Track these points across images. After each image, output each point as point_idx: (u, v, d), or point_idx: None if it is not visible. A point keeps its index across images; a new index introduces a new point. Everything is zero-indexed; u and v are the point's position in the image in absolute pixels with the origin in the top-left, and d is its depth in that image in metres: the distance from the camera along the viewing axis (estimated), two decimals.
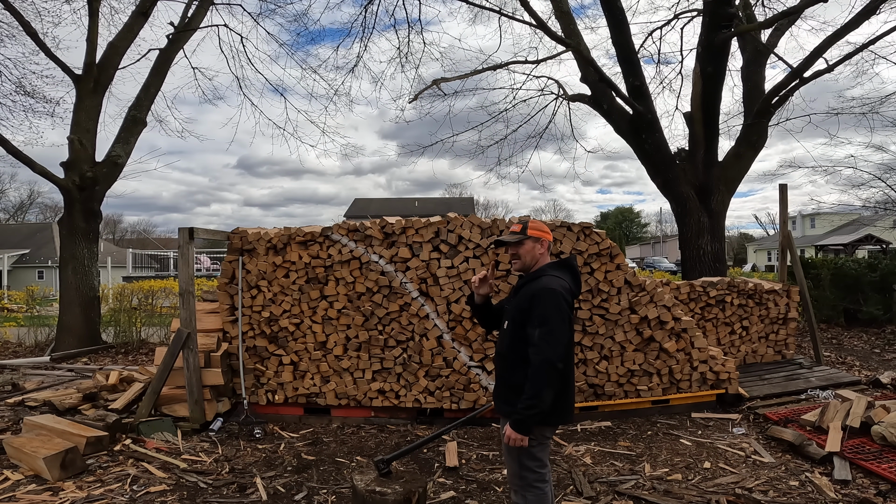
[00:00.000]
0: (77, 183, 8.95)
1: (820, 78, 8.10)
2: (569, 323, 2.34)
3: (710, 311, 6.24)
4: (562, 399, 2.37)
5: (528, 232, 2.53)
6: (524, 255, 2.52)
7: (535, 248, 2.52)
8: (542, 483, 2.44)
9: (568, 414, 2.46)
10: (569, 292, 2.39)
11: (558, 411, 2.38)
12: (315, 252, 5.10)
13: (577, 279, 2.51)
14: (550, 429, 2.50)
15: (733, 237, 54.23)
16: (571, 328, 2.39)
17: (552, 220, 5.09)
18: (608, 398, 4.98)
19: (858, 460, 3.67)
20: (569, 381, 2.41)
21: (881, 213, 16.67)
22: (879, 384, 5.50)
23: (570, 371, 2.42)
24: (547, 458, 2.49)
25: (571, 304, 2.40)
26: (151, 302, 10.28)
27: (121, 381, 5.83)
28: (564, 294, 2.34)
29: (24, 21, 9.03)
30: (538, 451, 2.42)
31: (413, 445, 2.91)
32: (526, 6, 8.00)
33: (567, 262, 2.55)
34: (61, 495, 3.45)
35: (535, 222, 2.59)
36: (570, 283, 2.44)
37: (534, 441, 2.36)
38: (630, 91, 8.78)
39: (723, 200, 8.91)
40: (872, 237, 27.09)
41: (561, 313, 2.28)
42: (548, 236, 2.55)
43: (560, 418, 2.45)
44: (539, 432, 2.38)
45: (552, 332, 2.26)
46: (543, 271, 2.46)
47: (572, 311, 2.41)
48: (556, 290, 2.32)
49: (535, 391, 2.23)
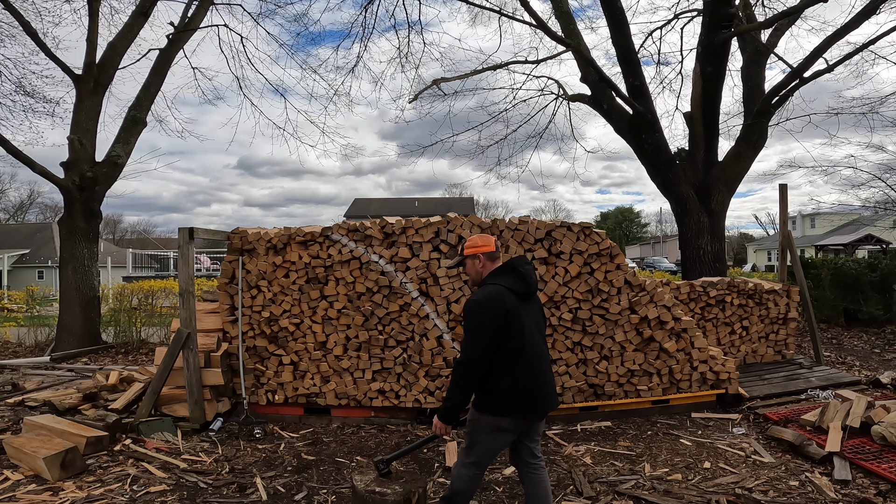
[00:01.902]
0: (77, 183, 8.95)
1: (820, 78, 8.11)
2: (497, 327, 2.48)
3: (710, 311, 6.24)
4: (500, 396, 2.51)
5: (464, 252, 2.77)
6: (469, 272, 2.79)
7: (474, 263, 2.75)
8: (474, 466, 2.67)
9: (520, 409, 2.55)
10: (500, 297, 2.52)
11: (496, 407, 2.53)
12: (315, 252, 5.10)
13: (522, 277, 2.63)
14: (492, 420, 2.57)
15: (733, 237, 54.25)
16: (511, 328, 2.51)
17: (552, 220, 5.09)
18: (608, 398, 4.98)
19: (858, 460, 3.67)
20: (517, 378, 2.51)
21: (881, 213, 16.66)
22: (879, 384, 5.50)
23: (519, 368, 2.52)
24: (493, 450, 2.66)
25: (505, 307, 2.51)
26: (151, 302, 10.28)
27: (121, 381, 5.83)
28: (490, 301, 2.50)
29: (24, 21, 9.03)
30: (484, 438, 2.62)
31: (412, 446, 2.91)
32: (526, 6, 8.00)
33: (509, 265, 2.69)
34: (61, 495, 3.45)
35: (470, 239, 2.78)
36: (511, 283, 2.59)
37: (486, 427, 2.59)
38: (630, 91, 8.78)
39: (723, 200, 8.91)
40: (872, 237, 27.09)
41: (478, 321, 2.47)
42: (482, 248, 2.72)
43: (501, 411, 2.54)
44: (489, 421, 2.58)
45: (468, 339, 2.49)
46: (485, 281, 2.67)
47: (510, 312, 2.51)
48: (478, 300, 2.51)
49: (450, 388, 2.56)
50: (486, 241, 2.75)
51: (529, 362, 2.56)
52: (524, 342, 2.55)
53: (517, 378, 2.52)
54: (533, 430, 2.78)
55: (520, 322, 2.54)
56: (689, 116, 9.08)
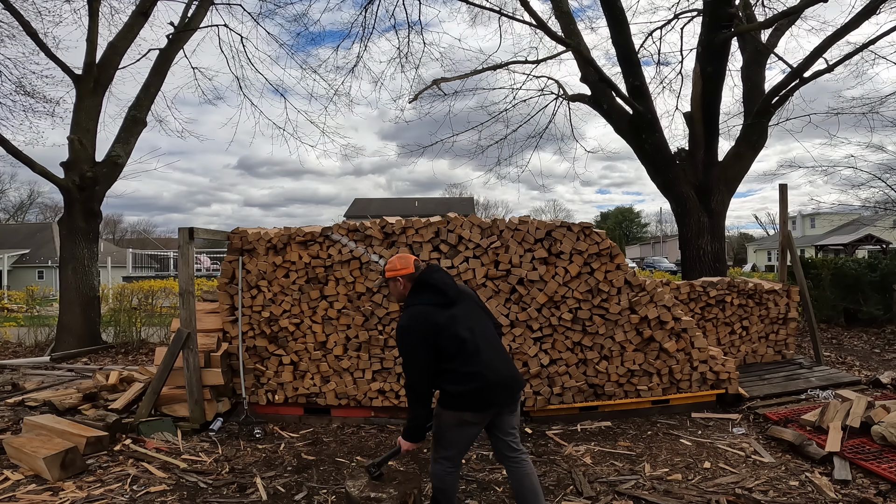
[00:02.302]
0: (77, 183, 8.95)
1: (820, 78, 8.10)
2: (429, 344, 2.61)
3: (710, 311, 6.24)
4: (460, 395, 2.64)
5: (386, 275, 2.89)
6: (393, 294, 2.93)
7: (396, 285, 2.87)
8: (445, 461, 2.78)
9: (472, 405, 2.66)
10: (425, 315, 2.65)
11: (464, 403, 2.65)
12: (315, 252, 5.10)
13: (439, 290, 2.74)
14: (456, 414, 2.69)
15: (733, 237, 54.24)
16: (448, 338, 2.63)
17: (552, 220, 5.09)
18: (608, 398, 4.98)
19: (858, 460, 3.67)
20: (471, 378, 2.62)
21: (881, 213, 16.66)
22: (879, 384, 5.50)
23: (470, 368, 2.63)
24: (461, 442, 2.77)
25: (433, 321, 2.63)
26: (151, 302, 10.29)
27: (121, 381, 5.83)
28: (416, 322, 2.64)
29: (24, 21, 9.03)
30: (450, 432, 2.74)
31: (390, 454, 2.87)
32: (526, 6, 8.00)
33: (422, 282, 2.79)
34: (61, 495, 3.45)
35: (390, 262, 2.89)
36: (432, 299, 2.72)
37: (450, 421, 2.71)
38: (630, 91, 8.78)
39: (723, 200, 8.91)
40: (872, 237, 27.09)
41: (408, 346, 2.64)
42: (402, 272, 2.83)
43: (463, 407, 2.66)
44: (452, 416, 2.70)
45: (406, 363, 2.67)
46: (406, 304, 2.80)
47: (440, 324, 2.63)
48: (403, 325, 2.66)
49: (409, 410, 2.72)
50: (404, 263, 2.84)
51: (480, 359, 2.65)
52: (466, 344, 2.64)
53: (471, 378, 2.62)
54: (504, 423, 2.82)
55: (454, 329, 2.64)
56: (689, 116, 9.08)
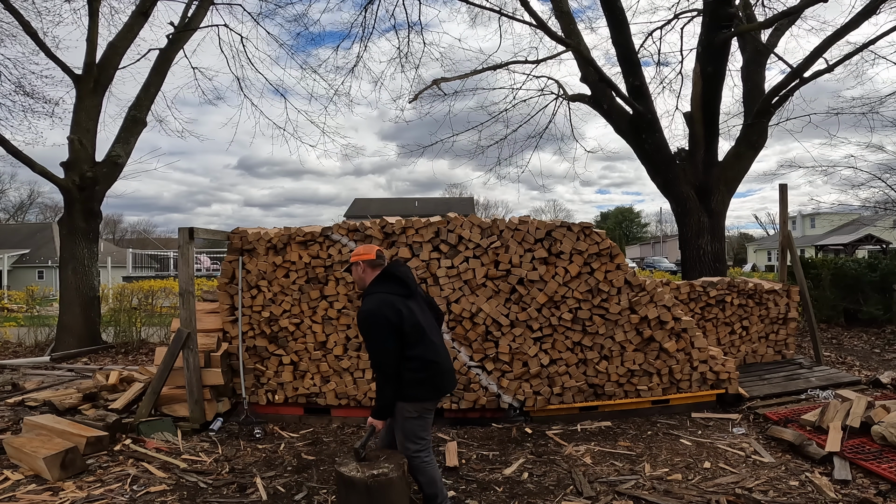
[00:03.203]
0: (77, 183, 8.95)
1: (820, 78, 8.11)
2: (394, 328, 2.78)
3: (710, 311, 6.24)
4: (419, 383, 2.85)
5: (352, 259, 3.03)
6: (355, 279, 3.06)
7: (356, 270, 3.01)
8: (421, 453, 2.95)
9: (431, 392, 2.91)
10: (390, 303, 2.82)
11: (417, 393, 2.87)
12: (315, 252, 5.10)
13: (401, 282, 2.94)
14: (419, 403, 2.90)
15: (733, 237, 54.23)
16: (409, 326, 2.81)
17: (552, 220, 5.09)
18: (608, 398, 4.98)
19: (858, 460, 3.67)
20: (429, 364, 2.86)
21: (881, 213, 16.66)
22: (879, 384, 5.50)
23: (417, 358, 2.84)
24: (424, 433, 2.97)
25: (398, 308, 2.81)
26: (151, 302, 10.29)
27: (121, 381, 5.83)
28: (381, 308, 2.79)
29: (24, 21, 9.03)
30: (414, 426, 2.93)
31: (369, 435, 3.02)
32: (526, 6, 8.01)
33: (387, 273, 2.97)
34: (61, 495, 3.45)
35: (358, 248, 3.05)
36: (394, 289, 2.90)
37: (413, 413, 2.90)
38: (630, 91, 8.78)
39: (723, 200, 8.91)
40: (872, 237, 27.10)
41: (372, 331, 2.79)
42: (363, 256, 2.99)
43: (423, 396, 2.90)
44: (412, 408, 2.89)
45: (372, 347, 2.84)
46: (368, 291, 2.95)
47: (403, 312, 2.82)
48: (369, 310, 2.80)
49: (377, 391, 2.89)
50: (367, 250, 3.02)
51: (435, 349, 2.92)
52: (425, 333, 2.88)
53: (429, 365, 2.87)
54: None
55: (415, 318, 2.86)
56: (689, 116, 9.08)
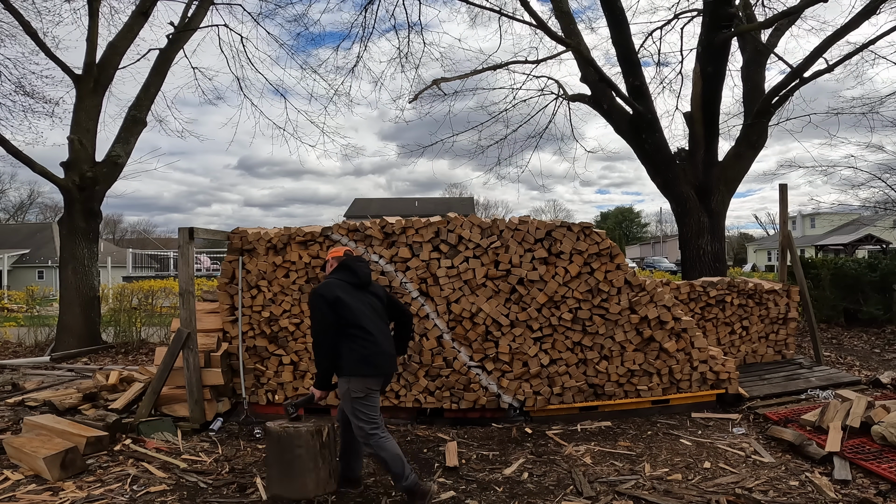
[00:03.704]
0: (77, 183, 8.95)
1: (819, 78, 8.11)
2: (330, 306, 3.18)
3: (710, 311, 6.24)
4: (359, 360, 3.17)
5: (326, 257, 3.64)
6: (326, 272, 3.57)
7: (328, 265, 3.56)
8: (377, 430, 3.19)
9: (370, 368, 3.19)
10: (331, 286, 3.28)
11: (357, 368, 3.17)
12: (315, 252, 5.10)
13: (353, 271, 3.40)
14: (360, 380, 3.18)
15: (733, 237, 54.24)
16: (345, 307, 3.20)
17: (552, 220, 5.09)
18: (608, 398, 4.98)
19: (858, 460, 3.67)
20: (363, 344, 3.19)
21: (881, 213, 16.66)
22: (879, 384, 5.50)
23: (359, 337, 3.20)
24: (374, 412, 3.21)
25: (336, 293, 3.23)
26: (151, 302, 10.28)
27: (121, 381, 5.83)
28: (323, 289, 3.26)
29: (23, 21, 9.03)
30: (363, 406, 3.19)
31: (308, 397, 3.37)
32: (526, 6, 8.01)
33: (342, 264, 3.46)
34: (61, 495, 3.44)
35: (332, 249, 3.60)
36: (344, 276, 3.36)
37: (359, 391, 3.17)
38: (630, 91, 8.78)
39: (723, 200, 8.91)
40: (872, 237, 27.11)
41: (314, 308, 3.22)
42: (333, 254, 3.57)
43: (363, 371, 3.18)
44: (356, 387, 3.17)
45: (312, 320, 3.26)
46: (325, 277, 3.47)
47: (340, 296, 3.22)
48: (315, 290, 3.26)
49: (315, 362, 3.29)
50: (337, 251, 3.59)
51: (371, 331, 3.22)
52: (360, 318, 3.22)
53: (366, 343, 3.20)
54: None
55: (354, 302, 3.25)
56: (689, 116, 9.08)
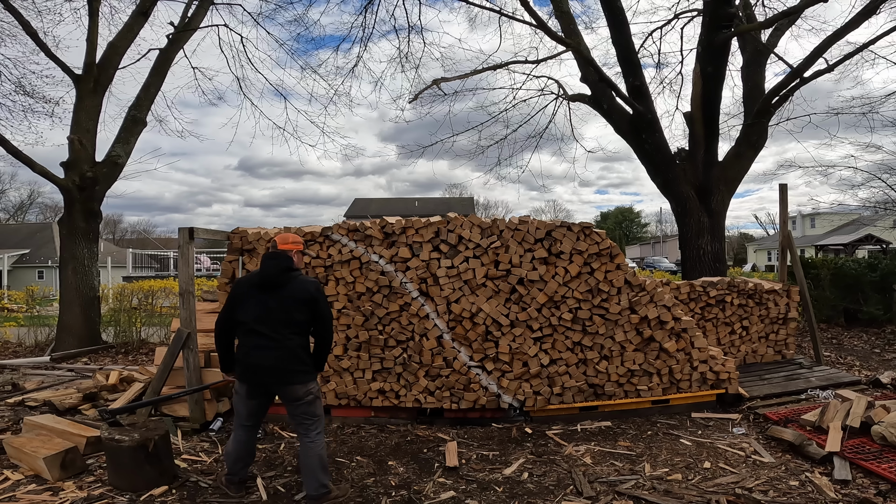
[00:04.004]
0: (77, 183, 8.95)
1: (818, 78, 8.11)
2: (231, 301, 3.30)
3: (710, 311, 6.24)
4: (236, 360, 3.29)
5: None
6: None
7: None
8: (237, 424, 3.42)
9: (238, 372, 3.28)
10: (239, 281, 3.43)
11: (235, 368, 3.32)
12: (315, 252, 5.10)
13: (261, 272, 3.30)
14: (238, 382, 3.32)
15: (733, 237, 54.23)
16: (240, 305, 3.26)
17: (552, 220, 5.09)
18: (608, 398, 4.98)
19: (858, 460, 3.67)
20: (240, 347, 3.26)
21: (881, 213, 16.66)
22: (879, 384, 5.50)
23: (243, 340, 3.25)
24: (242, 409, 3.36)
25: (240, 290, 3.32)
26: (151, 302, 10.28)
27: (121, 381, 5.83)
28: (235, 284, 3.41)
29: (23, 21, 9.02)
30: (236, 401, 3.41)
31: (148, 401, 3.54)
32: (526, 6, 8.00)
33: (262, 259, 3.42)
34: (61, 495, 3.44)
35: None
36: (256, 274, 3.33)
37: (237, 391, 3.36)
38: (630, 91, 8.78)
39: (723, 200, 8.91)
40: (872, 237, 27.11)
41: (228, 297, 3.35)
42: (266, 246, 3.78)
43: (238, 374, 3.31)
44: (237, 385, 3.33)
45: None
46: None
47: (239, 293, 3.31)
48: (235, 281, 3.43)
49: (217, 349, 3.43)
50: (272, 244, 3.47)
51: (250, 337, 3.19)
52: (248, 321, 3.19)
53: (240, 347, 3.24)
54: (290, 409, 3.33)
55: (245, 303, 3.24)
56: (689, 116, 9.08)
